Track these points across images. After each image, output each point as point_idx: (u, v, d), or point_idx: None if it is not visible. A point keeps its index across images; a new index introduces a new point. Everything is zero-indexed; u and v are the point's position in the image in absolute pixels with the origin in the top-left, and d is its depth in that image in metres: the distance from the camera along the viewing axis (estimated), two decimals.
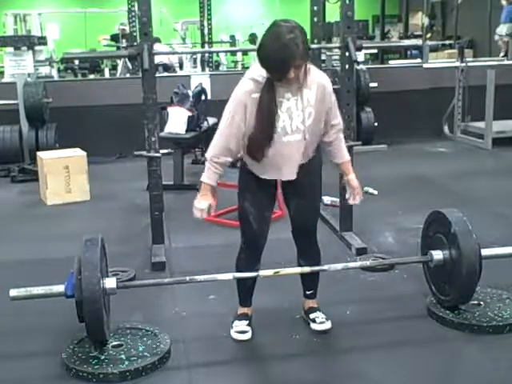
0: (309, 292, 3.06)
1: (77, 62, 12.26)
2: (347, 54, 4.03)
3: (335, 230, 4.34)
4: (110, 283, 2.74)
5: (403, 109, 7.88)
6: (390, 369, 2.66)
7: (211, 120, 6.23)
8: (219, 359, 2.80)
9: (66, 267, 2.83)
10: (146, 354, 2.71)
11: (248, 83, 2.59)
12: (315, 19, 4.90)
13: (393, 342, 2.89)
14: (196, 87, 6.18)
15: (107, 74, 11.71)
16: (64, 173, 5.40)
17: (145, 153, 3.95)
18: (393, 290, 3.44)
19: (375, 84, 7.37)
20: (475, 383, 2.59)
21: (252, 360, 2.80)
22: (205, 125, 6.04)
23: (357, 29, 5.12)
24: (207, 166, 2.73)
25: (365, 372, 2.65)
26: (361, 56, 7.67)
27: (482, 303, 3.08)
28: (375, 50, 11.72)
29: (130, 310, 3.20)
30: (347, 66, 4.09)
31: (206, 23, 11.88)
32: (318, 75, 2.69)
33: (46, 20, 12.59)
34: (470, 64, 7.85)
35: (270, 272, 2.92)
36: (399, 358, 2.76)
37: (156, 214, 4.03)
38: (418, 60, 10.35)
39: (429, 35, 13.34)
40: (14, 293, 2.74)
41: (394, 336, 2.93)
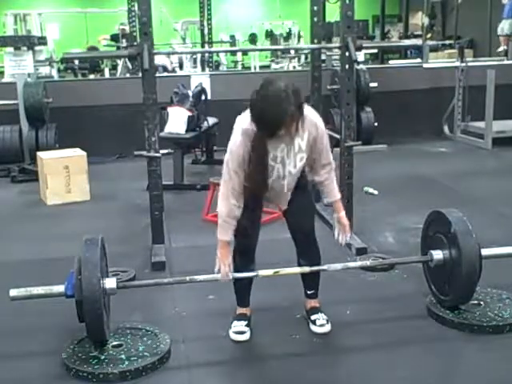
0: (310, 292, 3.06)
1: (77, 61, 12.26)
2: (347, 53, 4.03)
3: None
4: (110, 283, 2.74)
5: (403, 109, 7.89)
6: (390, 369, 2.66)
7: (211, 120, 6.23)
8: (219, 359, 2.80)
9: (66, 267, 2.83)
10: (146, 353, 2.71)
11: (242, 138, 2.63)
12: (315, 19, 4.88)
13: (393, 342, 2.89)
14: (196, 87, 6.18)
15: (107, 74, 11.71)
16: (64, 173, 5.40)
17: (145, 153, 3.95)
18: (393, 290, 3.44)
19: (375, 84, 7.38)
20: (475, 383, 2.59)
21: (252, 360, 2.80)
22: (205, 125, 6.04)
23: (357, 29, 5.13)
24: (221, 224, 2.75)
25: (365, 372, 2.65)
26: (361, 56, 7.67)
27: (482, 303, 3.08)
28: (375, 50, 11.73)
29: (129, 309, 3.20)
30: (347, 66, 4.09)
31: (205, 23, 11.88)
32: (310, 121, 2.68)
33: (46, 20, 12.60)
34: (469, 64, 7.85)
35: (269, 272, 2.93)
36: (399, 357, 2.76)
37: (156, 214, 4.03)
38: (418, 60, 10.35)
39: (429, 35, 13.35)
40: (13, 293, 2.74)
41: (394, 336, 2.93)
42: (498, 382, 2.58)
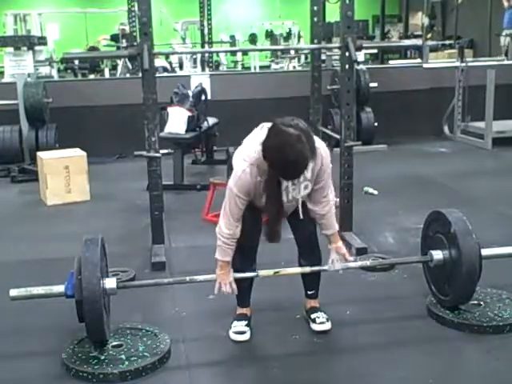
0: (310, 292, 3.06)
1: (77, 62, 12.26)
2: (347, 54, 4.03)
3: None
4: (110, 283, 2.74)
5: (403, 109, 7.89)
6: (390, 369, 2.66)
7: (211, 120, 6.23)
8: (219, 359, 2.80)
9: (66, 267, 2.83)
10: (146, 354, 2.71)
11: (252, 169, 2.62)
12: (315, 19, 4.88)
13: (393, 342, 2.89)
14: (196, 87, 6.18)
15: (107, 74, 11.71)
16: (64, 173, 5.40)
17: (145, 153, 3.95)
18: (393, 290, 3.44)
19: (375, 84, 7.38)
20: (475, 383, 2.59)
21: (252, 360, 2.80)
22: (205, 125, 6.04)
23: (357, 29, 5.13)
24: (222, 246, 2.76)
25: (365, 372, 2.65)
26: (361, 56, 7.67)
27: (482, 303, 3.07)
28: (375, 50, 11.73)
29: (130, 310, 3.20)
30: (347, 66, 4.09)
31: (206, 23, 11.88)
32: (318, 154, 2.67)
33: (46, 20, 12.60)
34: (469, 64, 7.85)
35: (270, 272, 2.93)
36: (399, 357, 2.76)
37: (156, 214, 4.03)
38: (418, 60, 10.35)
39: (429, 35, 13.35)
40: (14, 293, 2.74)
41: (394, 336, 2.93)
42: (497, 382, 2.58)
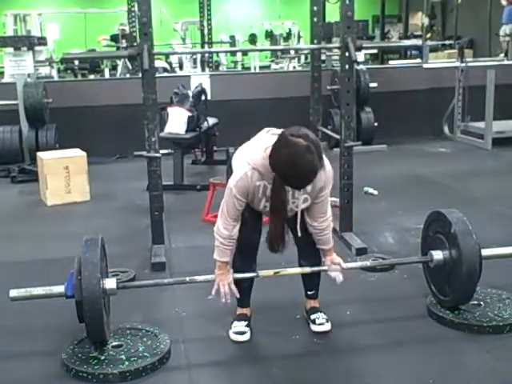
0: (310, 292, 3.06)
1: (77, 62, 12.26)
2: (347, 54, 4.03)
3: (335, 230, 4.33)
4: (110, 284, 2.74)
5: (403, 109, 7.89)
6: (390, 369, 2.66)
7: (211, 120, 6.23)
8: (219, 359, 2.80)
9: (66, 267, 2.83)
10: (146, 354, 2.71)
11: (253, 173, 2.62)
12: (315, 19, 4.88)
13: (393, 343, 2.89)
14: (196, 87, 6.18)
15: (107, 75, 11.71)
16: (64, 173, 5.40)
17: (145, 153, 3.95)
18: (393, 290, 3.44)
19: (375, 84, 7.38)
20: (475, 383, 2.59)
21: (252, 360, 2.79)
22: (205, 125, 6.04)
23: (357, 29, 5.13)
24: (220, 246, 2.76)
25: (365, 372, 2.65)
26: (361, 56, 7.67)
27: (482, 303, 3.07)
28: (375, 51, 11.73)
29: (129, 310, 3.20)
30: (347, 66, 4.09)
31: (205, 23, 11.88)
32: (323, 171, 2.68)
33: (46, 20, 12.59)
34: (469, 64, 7.84)
35: (270, 272, 2.93)
36: (399, 358, 2.76)
37: (156, 214, 4.03)
38: (418, 60, 10.35)
39: (428, 35, 13.35)
40: (13, 293, 2.74)
41: (394, 336, 2.93)
42: (497, 382, 2.57)
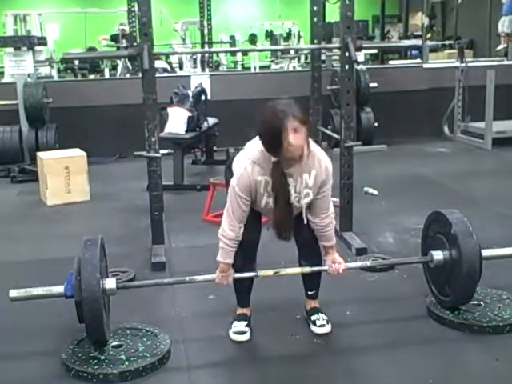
0: (310, 292, 3.06)
1: (77, 62, 12.26)
2: (347, 54, 4.03)
3: (335, 230, 4.33)
4: (110, 284, 2.74)
5: (403, 109, 7.89)
6: (390, 369, 2.66)
7: (211, 120, 6.23)
8: (219, 359, 2.80)
9: (65, 267, 2.83)
10: (146, 354, 2.71)
11: (254, 167, 2.64)
12: (315, 19, 4.89)
13: (393, 343, 2.88)
14: (196, 87, 6.18)
15: (107, 74, 11.71)
16: (64, 173, 5.40)
17: (145, 153, 3.95)
18: (393, 290, 3.44)
19: (375, 84, 7.38)
20: (475, 383, 2.59)
21: (252, 360, 2.79)
22: (205, 125, 6.04)
23: (357, 29, 5.13)
24: (224, 247, 2.76)
25: (365, 372, 2.65)
26: (361, 56, 7.67)
27: (482, 303, 3.07)
28: (375, 51, 11.73)
29: (129, 310, 3.20)
30: (347, 66, 4.09)
31: (205, 23, 11.88)
32: (320, 162, 2.72)
33: (46, 20, 12.58)
34: (469, 64, 7.85)
35: (269, 272, 2.93)
36: (399, 358, 2.76)
37: (156, 214, 4.03)
38: (418, 60, 10.35)
39: (429, 35, 13.35)
40: (13, 293, 2.74)
41: (394, 336, 2.93)
42: (497, 382, 2.57)
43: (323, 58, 7.64)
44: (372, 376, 2.62)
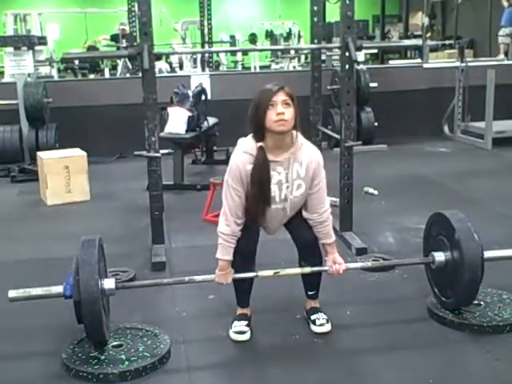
0: (311, 292, 3.05)
1: (77, 61, 12.26)
2: (347, 54, 4.03)
3: (335, 229, 4.32)
4: (109, 284, 2.74)
5: (403, 109, 7.88)
6: (390, 369, 2.66)
7: (211, 120, 6.23)
8: (219, 359, 2.80)
9: (65, 267, 2.82)
10: (146, 354, 2.71)
11: (242, 156, 2.73)
12: (315, 19, 4.88)
13: (393, 343, 2.88)
14: (196, 87, 6.18)
15: (107, 74, 11.70)
16: (64, 173, 5.40)
17: (145, 153, 3.95)
18: (393, 290, 3.44)
19: (375, 84, 7.38)
20: (475, 383, 2.59)
21: (252, 360, 2.79)
22: (205, 125, 6.04)
23: (357, 29, 5.12)
24: (223, 243, 2.78)
25: (365, 372, 2.65)
26: (361, 56, 7.67)
27: (482, 303, 3.07)
28: (375, 50, 11.73)
29: (129, 310, 3.20)
30: (347, 66, 4.09)
31: (206, 23, 11.88)
32: (310, 152, 2.80)
33: (46, 20, 12.59)
34: (470, 64, 7.84)
35: (269, 272, 2.92)
36: (399, 358, 2.76)
37: (156, 214, 4.03)
38: (418, 60, 10.35)
39: (428, 34, 13.34)
40: (12, 294, 2.74)
41: (394, 336, 2.93)
42: (498, 382, 2.57)
43: (323, 57, 7.63)
44: (372, 376, 2.62)
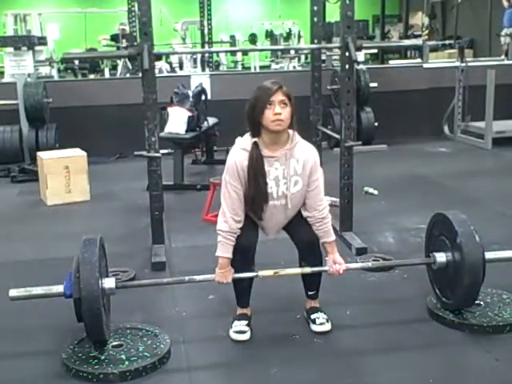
0: (311, 292, 3.05)
1: (77, 62, 12.27)
2: (347, 54, 4.03)
3: (335, 229, 4.32)
4: (109, 283, 2.74)
5: (403, 109, 7.88)
6: (390, 369, 2.66)
7: (211, 120, 6.23)
8: (219, 359, 2.80)
9: (65, 267, 2.82)
10: (146, 354, 2.71)
11: (239, 152, 2.78)
12: (315, 19, 4.88)
13: (393, 342, 2.88)
14: (196, 87, 6.18)
15: (107, 74, 11.71)
16: (64, 173, 5.40)
17: (145, 153, 3.95)
18: (393, 290, 3.44)
19: (375, 84, 7.38)
20: (475, 383, 2.59)
21: (252, 360, 2.79)
22: (205, 125, 6.04)
23: (357, 29, 5.11)
24: (222, 241, 2.80)
25: (365, 372, 2.65)
26: (361, 56, 7.67)
27: (482, 303, 3.07)
28: (375, 50, 11.74)
29: (130, 310, 3.20)
30: (347, 66, 4.09)
31: (206, 23, 11.89)
32: (306, 149, 2.84)
33: (46, 20, 12.59)
34: (470, 64, 7.84)
35: (269, 272, 2.92)
36: (399, 358, 2.75)
37: (156, 214, 4.03)
38: (418, 60, 10.35)
39: (426, 32, 13.34)
40: (13, 293, 2.74)
41: (394, 336, 2.93)
42: (498, 382, 2.57)
43: (323, 57, 7.63)
44: (372, 375, 2.62)
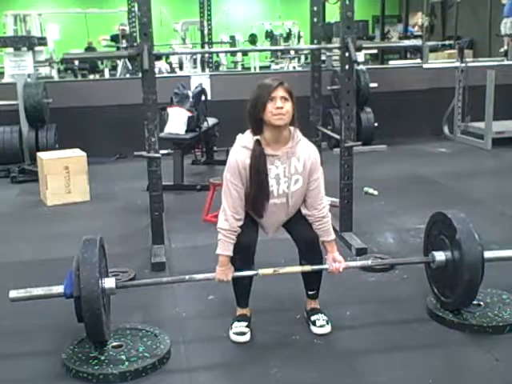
0: (311, 292, 3.05)
1: (77, 62, 12.27)
2: (347, 54, 4.03)
3: (335, 230, 4.31)
4: (109, 283, 2.74)
5: (403, 109, 7.89)
6: (390, 369, 2.66)
7: (211, 120, 6.23)
8: (219, 360, 2.80)
9: (65, 267, 2.82)
10: (146, 354, 2.71)
11: (240, 151, 2.78)
12: (315, 19, 4.88)
13: (393, 343, 2.88)
14: (196, 88, 6.18)
15: (107, 75, 11.72)
16: (64, 173, 5.40)
17: (145, 153, 3.95)
18: (393, 291, 3.44)
19: (375, 84, 7.38)
20: (475, 383, 2.59)
21: (252, 360, 2.79)
22: (205, 125, 6.04)
23: (357, 29, 5.12)
24: (222, 239, 2.80)
25: (365, 372, 2.65)
26: (361, 56, 7.67)
27: (482, 303, 3.07)
28: (375, 51, 11.72)
29: (130, 310, 3.20)
30: (347, 67, 4.09)
31: (206, 23, 11.90)
32: (307, 148, 2.85)
33: (46, 20, 12.60)
34: (469, 64, 7.84)
35: (269, 270, 2.92)
36: (399, 357, 2.75)
37: (156, 214, 4.03)
38: (418, 60, 10.35)
39: (422, 32, 13.33)
40: (13, 294, 2.74)
41: (394, 336, 2.93)
42: (498, 382, 2.57)
43: (323, 58, 7.63)
44: (372, 376, 2.61)
